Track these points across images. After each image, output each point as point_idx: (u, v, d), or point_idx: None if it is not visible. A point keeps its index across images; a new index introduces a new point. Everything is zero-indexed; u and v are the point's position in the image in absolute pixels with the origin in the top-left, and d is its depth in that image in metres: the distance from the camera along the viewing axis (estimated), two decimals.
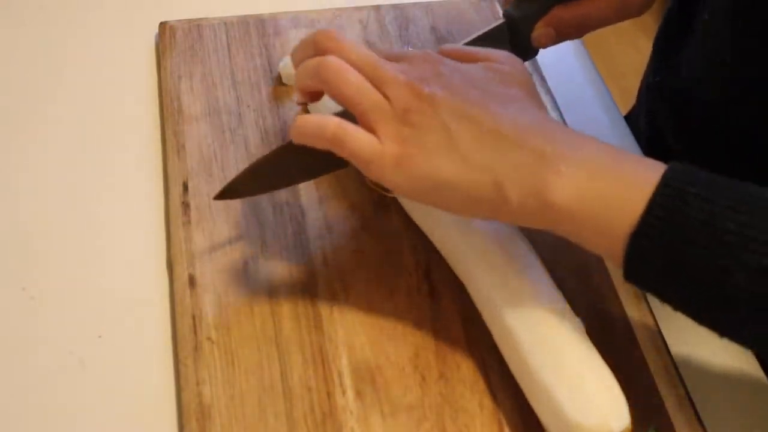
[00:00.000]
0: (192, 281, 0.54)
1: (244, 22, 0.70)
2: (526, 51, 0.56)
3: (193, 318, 0.52)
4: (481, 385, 0.51)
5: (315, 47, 0.49)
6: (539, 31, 0.56)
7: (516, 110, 0.46)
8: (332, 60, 0.47)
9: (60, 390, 0.51)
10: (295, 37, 0.69)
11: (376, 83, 0.46)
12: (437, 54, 0.49)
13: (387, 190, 0.54)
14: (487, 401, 0.50)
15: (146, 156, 0.63)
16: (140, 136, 0.64)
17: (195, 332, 0.52)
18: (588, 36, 0.60)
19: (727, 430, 0.51)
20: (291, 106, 0.65)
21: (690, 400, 0.51)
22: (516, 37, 0.55)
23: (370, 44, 0.70)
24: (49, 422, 0.49)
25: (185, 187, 0.59)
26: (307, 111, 0.64)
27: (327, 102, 0.51)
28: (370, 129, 0.46)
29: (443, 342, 0.52)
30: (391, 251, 0.57)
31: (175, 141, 0.62)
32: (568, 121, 0.66)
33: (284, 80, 0.66)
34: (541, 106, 0.49)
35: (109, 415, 0.50)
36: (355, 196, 0.59)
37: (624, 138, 0.69)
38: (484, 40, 0.55)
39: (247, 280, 0.54)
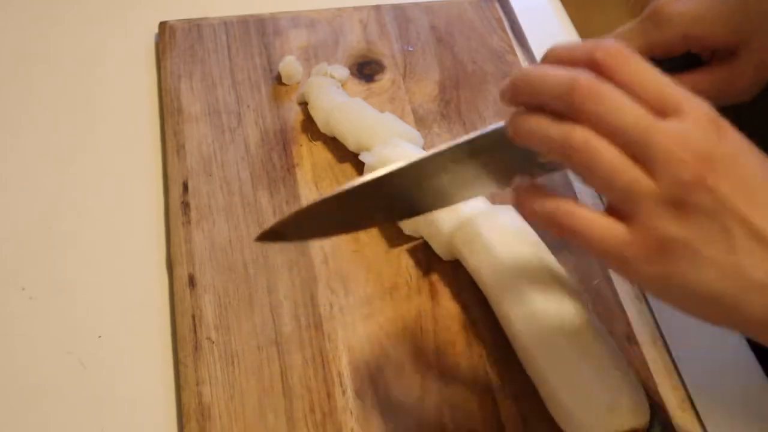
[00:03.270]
0: (192, 281, 0.54)
1: (244, 22, 0.70)
2: None
3: (193, 318, 0.52)
4: (481, 384, 0.51)
5: (565, 100, 0.37)
6: None
7: None
8: (579, 135, 0.37)
9: (60, 390, 0.51)
10: (296, 37, 0.70)
11: (643, 155, 0.36)
12: (716, 116, 0.38)
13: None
14: (487, 401, 0.50)
15: (146, 156, 0.63)
16: (140, 136, 0.64)
17: (195, 332, 0.52)
18: (588, 36, 0.59)
19: (727, 430, 0.50)
20: (291, 106, 0.65)
21: (690, 400, 0.51)
22: None
23: (370, 44, 0.70)
24: (50, 422, 0.49)
25: (185, 187, 0.59)
26: (307, 111, 0.64)
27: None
28: (622, 214, 0.37)
29: (443, 342, 0.52)
30: (391, 251, 0.57)
31: (175, 141, 0.62)
32: None
33: (284, 80, 0.66)
34: None
35: (109, 415, 0.50)
36: None
37: None
38: None
39: (247, 280, 0.54)
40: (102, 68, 0.69)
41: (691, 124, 0.37)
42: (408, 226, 0.55)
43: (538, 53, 0.71)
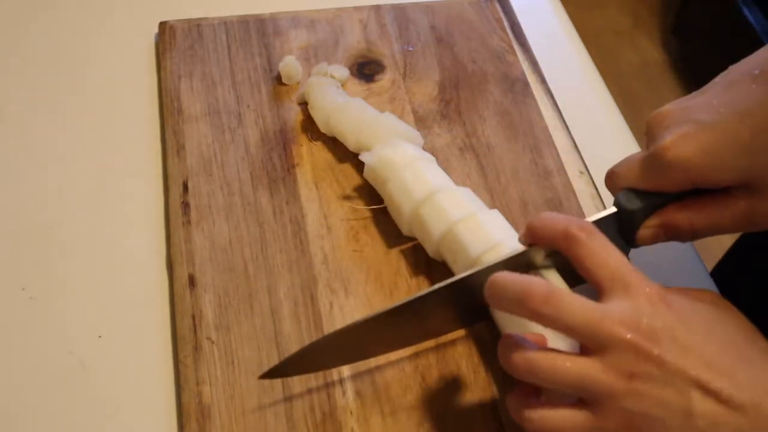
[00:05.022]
0: (192, 281, 0.54)
1: (244, 22, 0.70)
2: (629, 243, 0.49)
3: (193, 318, 0.52)
4: (481, 384, 0.51)
5: (523, 306, 0.41)
6: (647, 231, 0.48)
7: (748, 365, 0.40)
8: (517, 356, 0.41)
9: (60, 390, 0.51)
10: (296, 37, 0.70)
11: (595, 343, 0.40)
12: (662, 290, 0.42)
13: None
14: (488, 401, 0.50)
15: (146, 156, 0.63)
16: (140, 136, 0.64)
17: (195, 332, 0.52)
18: (588, 36, 0.59)
19: None
20: (291, 106, 0.65)
21: None
22: (623, 228, 0.48)
23: (370, 44, 0.70)
24: (49, 422, 0.49)
25: (185, 187, 0.59)
26: (307, 111, 0.64)
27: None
28: (583, 401, 0.41)
29: (443, 342, 0.52)
30: (391, 251, 0.57)
31: (175, 141, 0.62)
32: (567, 120, 0.66)
33: (284, 80, 0.66)
34: (759, 337, 0.43)
35: (109, 415, 0.50)
36: (354, 196, 0.59)
37: (621, 135, 0.69)
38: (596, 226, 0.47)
39: (247, 280, 0.54)
40: (102, 68, 0.69)
41: (637, 302, 0.41)
42: (406, 228, 0.55)
43: (538, 53, 0.71)
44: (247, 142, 0.62)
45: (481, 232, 0.51)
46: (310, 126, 0.63)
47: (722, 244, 0.75)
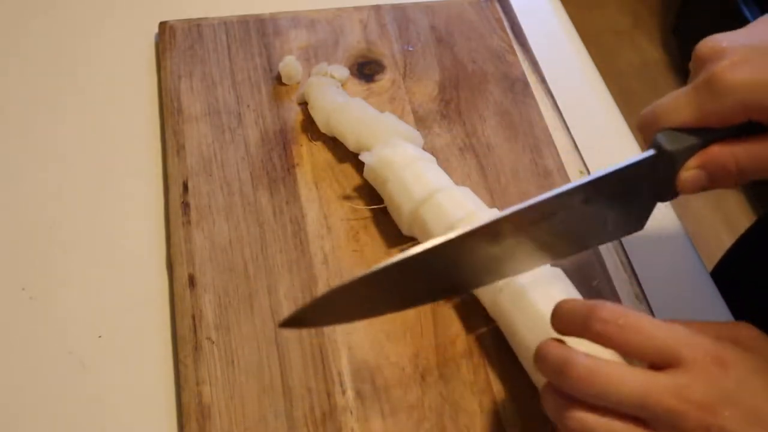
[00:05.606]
0: (192, 281, 0.54)
1: (244, 22, 0.70)
2: (665, 192, 0.45)
3: (193, 318, 0.52)
4: (481, 385, 0.51)
5: (561, 381, 0.39)
6: (689, 173, 0.43)
7: None
8: (573, 418, 0.39)
9: (60, 390, 0.51)
10: (296, 37, 0.70)
11: (647, 416, 0.38)
12: (717, 351, 0.39)
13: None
14: (487, 401, 0.50)
15: (146, 156, 0.63)
16: (140, 136, 0.64)
17: (195, 332, 0.52)
18: (588, 36, 0.59)
19: None
20: (291, 106, 0.65)
21: None
22: (658, 176, 0.44)
23: (370, 44, 0.70)
24: (49, 422, 0.49)
25: (185, 187, 0.59)
26: (307, 111, 0.64)
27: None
28: None
29: (443, 342, 0.52)
30: (391, 251, 0.57)
31: (175, 141, 0.62)
32: (567, 120, 0.66)
33: (284, 80, 0.66)
34: None
35: (109, 415, 0.50)
36: (354, 196, 0.59)
37: (621, 135, 0.69)
38: (625, 176, 0.44)
39: (247, 280, 0.54)
40: (102, 68, 0.69)
41: (691, 372, 0.38)
42: (406, 228, 0.55)
43: (538, 53, 0.71)
44: (247, 142, 0.62)
45: None
46: (310, 126, 0.63)
47: (722, 244, 0.75)
